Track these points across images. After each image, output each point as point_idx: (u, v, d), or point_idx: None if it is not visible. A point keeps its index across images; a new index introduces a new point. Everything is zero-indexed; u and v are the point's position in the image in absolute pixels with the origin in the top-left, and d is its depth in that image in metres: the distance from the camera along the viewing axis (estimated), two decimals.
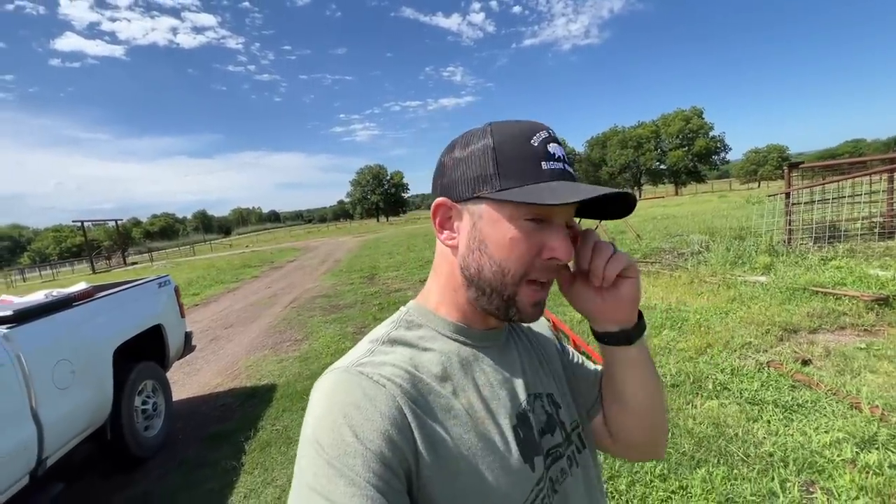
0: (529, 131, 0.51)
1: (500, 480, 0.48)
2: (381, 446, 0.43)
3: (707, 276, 6.02)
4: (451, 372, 0.52)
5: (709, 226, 10.39)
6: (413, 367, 0.50)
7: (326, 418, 0.44)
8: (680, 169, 56.47)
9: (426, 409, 0.48)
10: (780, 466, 2.16)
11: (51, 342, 2.48)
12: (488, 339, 0.58)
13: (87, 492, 2.89)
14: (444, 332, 0.55)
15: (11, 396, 2.14)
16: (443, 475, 0.46)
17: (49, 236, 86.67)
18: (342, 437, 0.43)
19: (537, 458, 0.53)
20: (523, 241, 0.49)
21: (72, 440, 2.53)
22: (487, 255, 0.51)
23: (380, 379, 0.47)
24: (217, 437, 3.40)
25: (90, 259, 32.98)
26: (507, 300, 0.51)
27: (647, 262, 7.79)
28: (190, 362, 5.42)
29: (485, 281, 0.52)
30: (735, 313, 4.44)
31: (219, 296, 10.91)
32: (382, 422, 0.44)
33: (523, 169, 0.49)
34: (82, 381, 2.59)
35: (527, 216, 0.49)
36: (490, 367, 0.55)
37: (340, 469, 0.41)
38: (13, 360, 2.17)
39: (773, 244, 6.94)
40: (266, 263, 18.06)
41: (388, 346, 0.53)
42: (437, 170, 0.56)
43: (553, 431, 0.57)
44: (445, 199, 0.54)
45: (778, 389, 2.90)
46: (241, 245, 44.66)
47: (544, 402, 0.58)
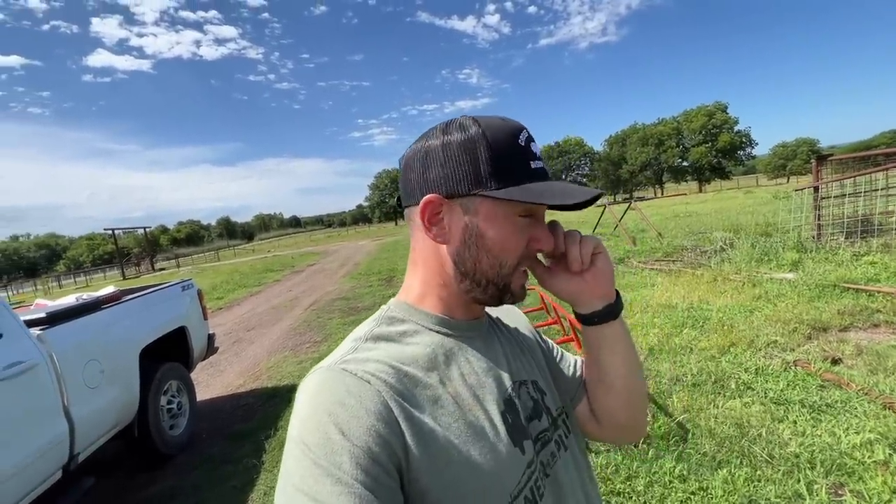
0: (514, 130, 0.53)
1: (492, 466, 0.49)
2: (368, 443, 0.43)
3: (731, 274, 5.85)
4: (436, 363, 0.53)
5: (733, 223, 10.09)
6: (397, 362, 0.51)
7: (312, 418, 0.44)
8: (703, 165, 55.07)
9: (413, 402, 0.48)
10: (806, 468, 2.08)
11: (81, 343, 2.59)
12: (471, 329, 0.59)
13: (116, 487, 3.01)
14: (428, 324, 0.56)
15: (45, 394, 2.24)
16: (434, 466, 0.46)
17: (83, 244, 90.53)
18: (328, 435, 0.42)
19: (526, 442, 0.54)
20: (518, 235, 0.53)
21: (101, 437, 2.63)
22: (485, 249, 0.53)
23: (364, 375, 0.47)
24: (239, 436, 3.49)
25: (121, 266, 34.25)
26: (503, 288, 0.55)
27: (669, 261, 7.62)
28: (214, 363, 5.58)
29: (481, 274, 0.54)
30: (760, 311, 4.31)
31: (242, 299, 11.18)
32: (369, 418, 0.44)
33: (515, 168, 0.52)
34: (110, 381, 2.70)
35: (521, 213, 0.53)
36: (474, 357, 0.57)
37: (327, 468, 0.41)
38: (47, 360, 2.28)
39: (801, 240, 6.69)
40: (287, 267, 18.42)
41: (371, 343, 0.53)
42: (416, 159, 0.55)
43: (540, 417, 0.58)
44: (436, 196, 0.53)
45: (805, 389, 2.80)
46: (263, 250, 45.67)
47: (529, 389, 0.60)
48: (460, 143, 0.52)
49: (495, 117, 0.54)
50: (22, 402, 2.11)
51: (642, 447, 2.41)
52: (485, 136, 0.52)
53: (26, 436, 2.09)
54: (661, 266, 7.29)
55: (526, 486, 0.51)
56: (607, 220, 13.64)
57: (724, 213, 13.82)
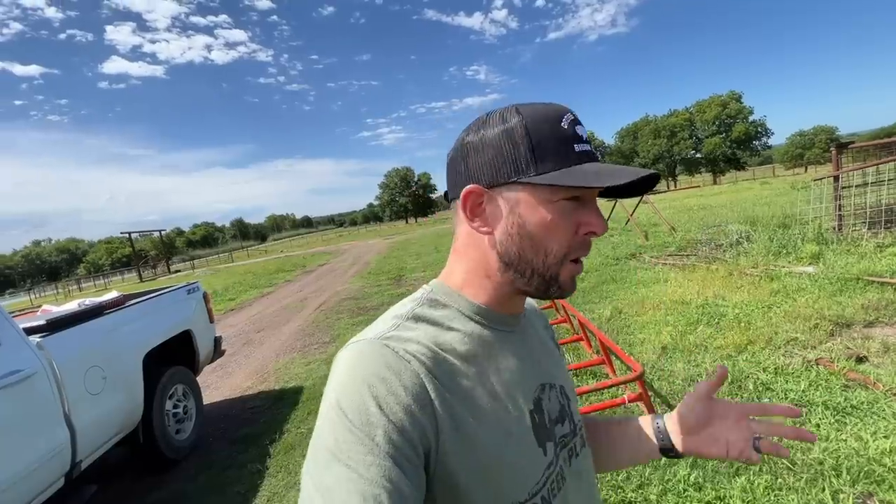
0: (558, 114, 0.52)
1: (518, 461, 0.50)
2: (402, 420, 0.43)
3: (747, 269, 5.66)
4: (474, 353, 0.53)
5: (749, 215, 9.82)
6: (437, 346, 0.50)
7: (350, 386, 0.45)
8: (717, 157, 54.01)
9: (449, 388, 0.48)
10: (831, 476, 1.96)
11: (82, 350, 2.57)
12: (510, 324, 0.58)
13: (121, 492, 3.01)
14: (468, 313, 0.55)
15: (45, 402, 2.23)
16: (463, 451, 0.47)
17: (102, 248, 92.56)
18: (366, 406, 0.43)
19: (549, 443, 0.55)
20: (563, 221, 0.51)
21: (105, 444, 2.62)
22: (529, 238, 0.52)
23: (405, 354, 0.47)
24: (245, 440, 3.47)
25: (138, 268, 34.89)
26: (550, 279, 0.53)
27: (682, 256, 7.43)
28: (223, 365, 5.59)
29: (526, 263, 0.53)
30: (779, 307, 4.14)
31: (253, 300, 11.26)
32: (406, 396, 0.44)
33: (558, 152, 0.50)
34: (113, 387, 2.68)
35: (565, 196, 0.51)
36: (510, 352, 0.56)
37: (361, 438, 0.41)
38: (46, 368, 2.26)
39: (821, 232, 6.46)
40: (299, 268, 18.53)
41: (412, 323, 0.52)
42: (459, 152, 0.55)
43: (563, 422, 0.59)
44: (476, 186, 0.52)
45: (828, 389, 2.66)
46: (275, 251, 46.12)
47: (557, 393, 0.60)
48: (501, 133, 0.52)
49: (538, 103, 0.53)
50: (21, 411, 2.10)
51: None
52: (524, 123, 0.51)
53: (26, 445, 2.08)
54: (674, 261, 7.11)
55: (544, 487, 0.52)
56: (619, 214, 13.41)
57: (739, 205, 13.48)
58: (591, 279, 6.75)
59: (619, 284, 6.20)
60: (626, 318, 4.68)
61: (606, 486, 2.12)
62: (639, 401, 2.60)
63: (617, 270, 7.08)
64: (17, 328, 2.24)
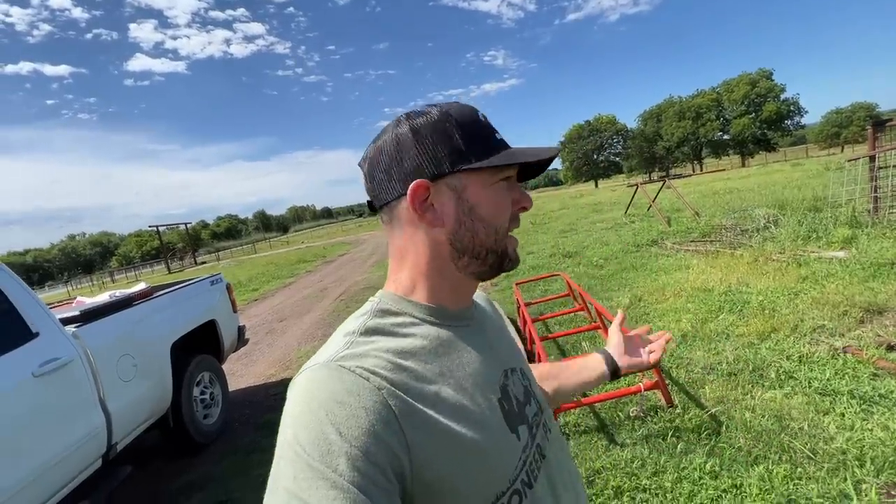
0: (473, 109, 0.57)
1: (494, 453, 0.50)
2: (366, 443, 0.41)
3: (774, 254, 5.47)
4: (433, 355, 0.52)
5: (778, 198, 9.44)
6: (395, 355, 0.50)
7: (306, 416, 0.43)
8: (746, 138, 51.86)
9: (414, 395, 0.47)
10: (854, 465, 1.91)
11: (114, 339, 2.71)
12: (463, 318, 0.59)
13: (153, 474, 3.17)
14: (421, 316, 0.56)
15: (82, 388, 2.36)
16: (438, 457, 0.45)
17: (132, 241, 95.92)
18: (325, 435, 0.41)
19: (521, 427, 0.56)
20: (504, 200, 0.56)
21: (137, 427, 2.76)
22: (479, 220, 0.54)
23: (362, 372, 0.46)
24: (269, 425, 3.59)
25: (166, 260, 36.12)
26: (501, 254, 0.57)
27: (706, 242, 7.23)
28: (247, 354, 5.78)
29: (480, 245, 0.55)
30: (806, 294, 4.00)
31: (275, 291, 11.54)
32: (368, 417, 0.42)
33: (484, 141, 0.55)
34: (144, 374, 2.82)
35: (501, 178, 0.56)
36: (469, 346, 0.57)
37: (322, 471, 0.39)
38: (81, 356, 2.39)
39: (855, 215, 6.17)
40: (319, 258, 18.84)
41: (365, 337, 0.51)
42: (389, 151, 0.55)
43: (530, 402, 0.61)
44: (423, 181, 0.53)
45: (856, 378, 2.57)
46: (297, 241, 46.95)
47: (519, 376, 0.62)
48: (429, 126, 0.53)
49: (453, 102, 0.57)
50: (60, 397, 2.23)
51: (671, 440, 2.30)
52: (453, 117, 0.54)
53: (66, 428, 2.21)
54: (697, 247, 6.93)
55: (522, 470, 0.53)
56: (640, 199, 13.10)
57: (768, 188, 12.97)
58: (610, 267, 6.66)
59: (639, 272, 6.10)
60: (646, 305, 4.61)
61: (621, 473, 2.12)
62: (655, 388, 2.58)
63: (637, 258, 6.95)
64: (54, 319, 2.37)
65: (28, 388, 2.07)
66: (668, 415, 2.52)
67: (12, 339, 2.14)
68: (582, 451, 2.37)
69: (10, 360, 2.06)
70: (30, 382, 2.08)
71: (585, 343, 3.80)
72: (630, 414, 2.58)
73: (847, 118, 61.14)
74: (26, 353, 2.14)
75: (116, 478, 2.49)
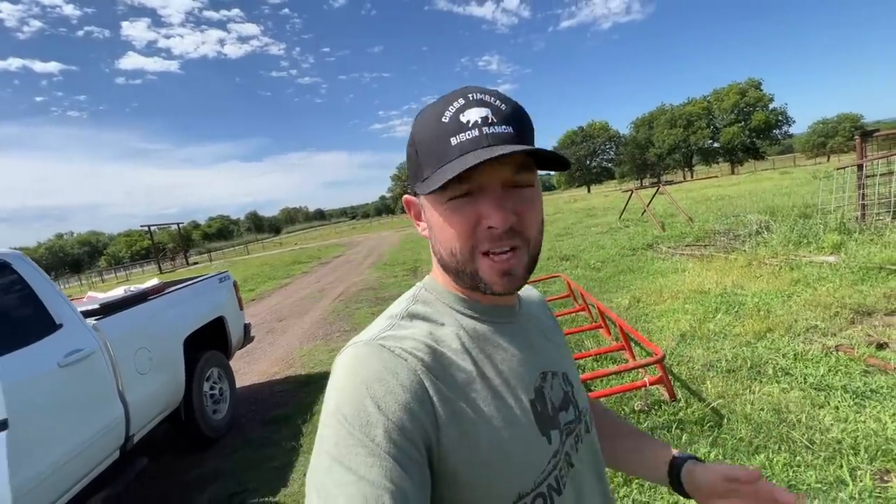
0: (442, 108, 0.50)
1: (520, 451, 0.50)
2: (402, 418, 0.44)
3: (767, 258, 5.64)
4: (469, 347, 0.53)
5: (769, 205, 9.68)
6: (433, 341, 0.51)
7: (349, 390, 0.45)
8: (736, 146, 52.78)
9: (447, 382, 0.49)
10: (849, 454, 2.03)
11: (131, 332, 2.75)
12: (502, 315, 0.59)
13: (166, 467, 3.20)
14: (458, 307, 0.57)
15: (103, 380, 2.40)
16: (463, 446, 0.47)
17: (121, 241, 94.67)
18: (364, 407, 0.44)
19: (553, 431, 0.54)
20: (456, 219, 0.50)
21: (153, 420, 2.80)
22: (438, 241, 0.54)
23: (401, 353, 0.48)
24: (277, 421, 3.64)
25: (157, 261, 35.73)
26: (472, 276, 0.52)
27: (700, 246, 7.41)
28: (249, 352, 5.80)
29: (447, 263, 0.54)
30: (799, 296, 4.15)
31: (272, 291, 11.52)
32: (404, 394, 0.45)
33: (435, 152, 0.50)
34: (159, 367, 2.86)
35: (449, 197, 0.49)
36: (507, 344, 0.56)
37: (361, 439, 0.42)
38: (102, 348, 2.44)
39: (843, 221, 6.38)
40: (314, 260, 18.81)
41: (407, 321, 0.54)
42: None
43: (567, 409, 0.59)
44: (408, 196, 0.59)
45: (848, 374, 2.70)
46: (290, 243, 46.72)
47: (560, 380, 0.60)
48: (407, 145, 0.55)
49: (439, 99, 0.52)
50: (83, 387, 2.27)
51: (675, 432, 2.40)
52: (413, 132, 0.53)
53: (88, 418, 2.25)
54: (691, 251, 7.10)
55: (550, 475, 0.52)
56: (634, 205, 13.32)
57: (758, 195, 13.27)
58: (607, 269, 6.79)
59: (636, 274, 6.23)
60: (644, 307, 4.73)
61: None
62: (659, 384, 2.69)
63: (634, 261, 7.10)
64: (76, 311, 2.42)
65: (54, 378, 2.11)
66: (671, 408, 2.63)
67: (38, 330, 2.18)
68: None
69: (38, 350, 2.10)
70: (56, 372, 2.12)
71: (588, 341, 3.90)
72: (635, 408, 2.68)
73: (833, 128, 62.50)
74: (52, 343, 2.18)
75: (133, 469, 2.52)
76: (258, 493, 2.69)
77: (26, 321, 2.19)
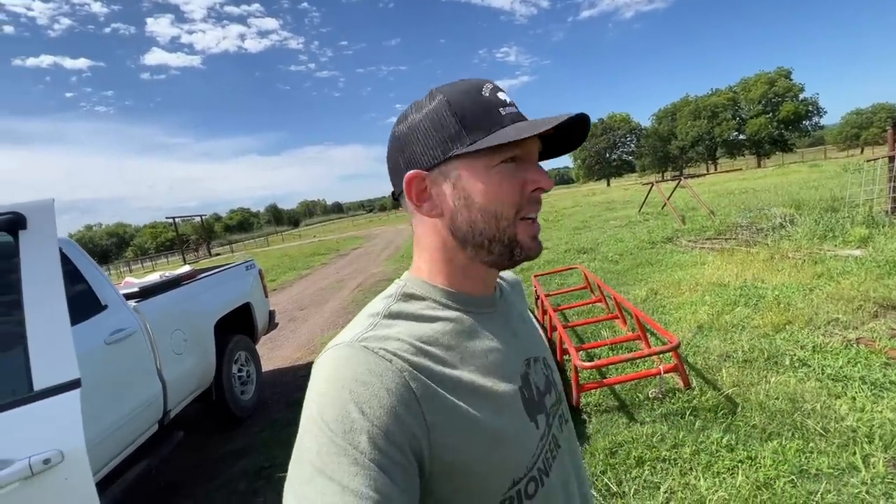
0: (477, 84, 0.54)
1: (512, 440, 0.51)
2: (387, 423, 0.42)
3: (790, 252, 5.55)
4: (456, 341, 0.53)
5: (794, 198, 9.44)
6: (418, 339, 0.50)
7: (331, 394, 0.44)
8: (762, 138, 51.13)
9: (435, 380, 0.48)
10: (863, 442, 2.05)
11: (168, 314, 2.92)
12: (485, 304, 0.59)
13: (199, 443, 3.40)
14: (444, 301, 0.56)
15: (143, 357, 2.57)
16: (457, 442, 0.46)
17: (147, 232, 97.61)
18: (348, 413, 0.42)
19: (540, 416, 0.56)
20: (507, 183, 0.52)
21: (187, 397, 2.98)
22: (477, 208, 0.52)
23: (385, 354, 0.47)
24: (300, 403, 3.66)
25: (181, 251, 36.80)
26: (509, 242, 0.53)
27: (721, 239, 7.30)
28: (273, 339, 6.01)
29: (480, 234, 0.53)
30: (821, 289, 4.10)
31: (293, 282, 11.81)
32: (389, 398, 0.44)
33: (484, 119, 0.51)
34: (192, 348, 3.03)
35: (503, 158, 0.52)
36: (491, 333, 0.57)
37: (344, 447, 0.40)
38: (142, 328, 2.61)
39: (872, 214, 6.21)
40: (333, 251, 19.12)
41: (389, 320, 0.52)
42: (393, 146, 0.56)
43: (550, 392, 0.61)
44: (416, 171, 0.53)
45: (868, 366, 2.69)
46: (309, 235, 47.43)
47: (541, 365, 0.62)
48: (426, 115, 0.53)
49: (457, 81, 0.56)
50: (126, 364, 2.44)
51: (689, 419, 2.44)
52: (446, 100, 0.53)
53: (131, 391, 2.42)
54: (712, 245, 7.01)
55: (539, 458, 0.53)
56: (654, 198, 13.13)
57: (784, 188, 12.91)
58: (625, 262, 6.77)
59: (654, 267, 6.20)
60: (662, 298, 4.73)
61: (641, 445, 2.28)
62: (674, 371, 2.73)
63: (653, 254, 7.05)
64: (118, 293, 2.59)
65: (101, 355, 2.28)
66: (685, 396, 2.67)
67: (86, 309, 2.35)
68: (603, 428, 2.53)
69: (86, 328, 2.27)
70: (103, 349, 2.29)
71: (605, 331, 3.94)
72: (649, 395, 2.73)
73: (867, 119, 60.01)
74: (98, 322, 2.36)
75: (171, 441, 2.70)
76: (284, 468, 2.81)
77: (76, 301, 2.35)
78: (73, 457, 1.16)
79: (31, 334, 1.23)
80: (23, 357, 1.21)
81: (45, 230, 1.36)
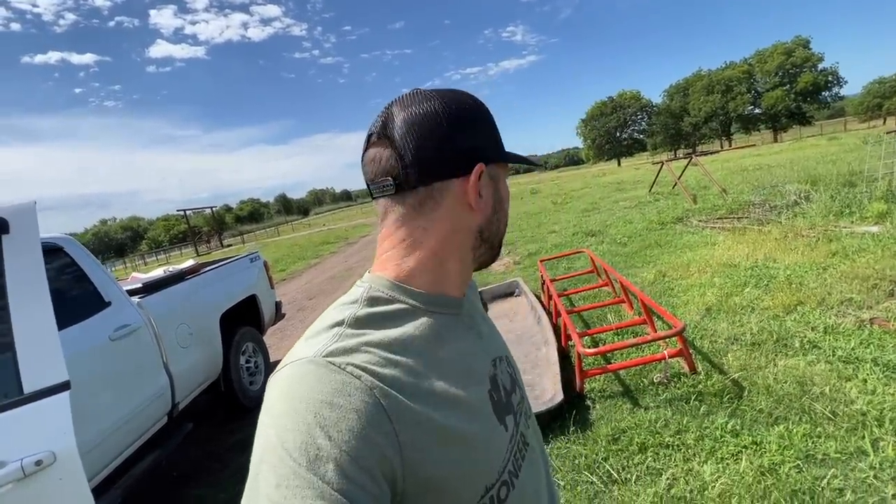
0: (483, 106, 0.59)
1: (484, 447, 0.49)
2: (357, 448, 0.38)
3: (804, 230, 5.40)
4: (426, 346, 0.50)
5: (810, 174, 9.16)
6: (386, 349, 0.46)
7: (292, 418, 0.39)
8: (779, 111, 49.58)
9: (406, 393, 0.44)
10: (873, 425, 2.00)
11: (172, 309, 2.95)
12: (455, 307, 0.56)
13: (208, 434, 3.47)
14: (415, 304, 0.52)
15: (149, 352, 2.61)
16: (430, 456, 0.44)
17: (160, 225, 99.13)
18: (314, 439, 0.38)
19: (508, 416, 0.55)
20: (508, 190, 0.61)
21: (195, 390, 3.03)
22: (503, 211, 0.58)
23: (353, 370, 0.43)
24: None
25: (193, 243, 37.36)
26: (500, 243, 0.60)
27: (733, 218, 7.14)
28: (281, 329, 6.09)
29: (497, 233, 0.58)
30: (835, 268, 3.99)
31: (302, 271, 11.92)
32: (359, 420, 0.40)
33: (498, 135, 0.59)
34: (198, 342, 3.07)
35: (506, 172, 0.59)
36: (461, 336, 0.55)
37: (309, 479, 0.36)
38: (147, 323, 2.64)
39: (892, 188, 6.00)
40: (342, 240, 19.22)
41: (354, 329, 0.47)
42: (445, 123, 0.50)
43: (515, 391, 0.60)
44: (482, 164, 0.52)
45: (881, 347, 2.62)
46: (318, 224, 47.72)
47: (506, 364, 0.61)
48: (482, 110, 0.55)
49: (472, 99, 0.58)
50: (132, 359, 2.48)
51: (694, 404, 2.41)
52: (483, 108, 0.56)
53: (138, 386, 2.47)
54: (723, 224, 6.86)
55: (510, 461, 0.52)
56: (666, 177, 12.86)
57: (800, 163, 12.54)
58: (634, 244, 6.67)
59: (663, 249, 6.10)
60: (670, 281, 4.65)
61: (645, 431, 2.26)
62: (679, 356, 2.69)
63: (662, 235, 6.93)
64: (122, 289, 2.62)
65: (106, 351, 2.32)
66: (691, 381, 2.63)
67: (90, 307, 2.38)
68: (607, 414, 2.51)
69: (90, 325, 2.31)
70: (107, 345, 2.33)
71: (611, 315, 3.90)
72: (654, 380, 2.70)
73: (891, 88, 57.61)
74: (102, 319, 2.39)
75: (181, 432, 2.76)
76: None
77: (79, 299, 2.39)
78: (65, 458, 1.19)
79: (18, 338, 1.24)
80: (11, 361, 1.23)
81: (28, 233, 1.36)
